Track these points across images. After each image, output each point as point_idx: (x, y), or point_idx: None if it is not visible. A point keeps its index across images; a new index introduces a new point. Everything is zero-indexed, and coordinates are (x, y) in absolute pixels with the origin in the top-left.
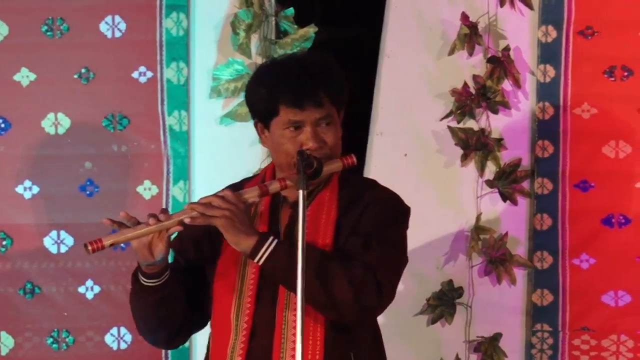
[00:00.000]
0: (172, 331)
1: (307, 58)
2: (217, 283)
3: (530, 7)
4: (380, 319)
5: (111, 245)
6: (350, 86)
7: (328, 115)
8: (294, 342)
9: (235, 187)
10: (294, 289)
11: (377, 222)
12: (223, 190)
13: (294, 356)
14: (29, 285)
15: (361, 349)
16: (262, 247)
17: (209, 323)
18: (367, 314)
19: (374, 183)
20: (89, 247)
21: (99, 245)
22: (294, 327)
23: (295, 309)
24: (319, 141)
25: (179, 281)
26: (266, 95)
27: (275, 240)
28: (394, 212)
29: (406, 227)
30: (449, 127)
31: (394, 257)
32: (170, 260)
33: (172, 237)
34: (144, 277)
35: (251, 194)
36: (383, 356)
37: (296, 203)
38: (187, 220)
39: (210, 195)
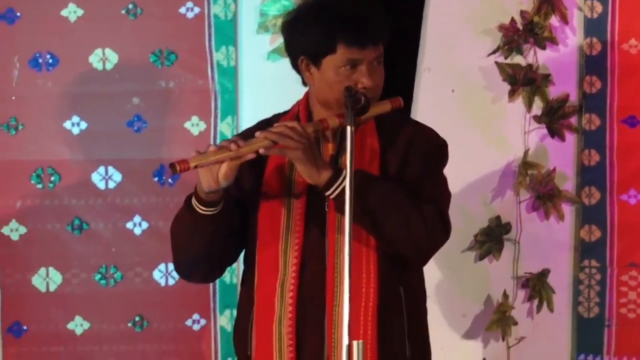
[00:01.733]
0: (215, 264)
1: None
2: (261, 219)
3: None
4: None
5: (196, 166)
6: (398, 23)
7: (381, 54)
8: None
9: (267, 123)
10: (365, 224)
11: (425, 158)
12: (291, 122)
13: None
14: (76, 222)
15: (409, 285)
16: (336, 181)
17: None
18: (436, 250)
19: (407, 118)
20: (177, 167)
21: (186, 166)
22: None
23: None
24: (373, 79)
25: (233, 211)
26: (320, 33)
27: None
28: (437, 147)
29: (447, 161)
30: (496, 62)
31: (446, 191)
32: None
33: None
34: (201, 205)
35: (315, 128)
36: (425, 296)
37: (336, 136)
38: (261, 151)
39: (280, 125)
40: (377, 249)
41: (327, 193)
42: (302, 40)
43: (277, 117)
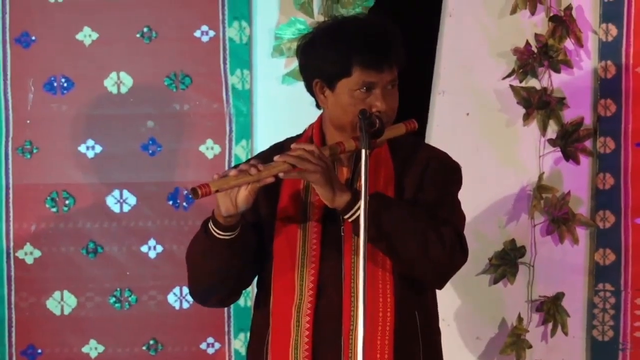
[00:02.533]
0: (231, 288)
1: (373, 20)
2: (277, 244)
3: None
4: None
5: (217, 191)
6: (412, 45)
7: (395, 78)
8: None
9: (280, 147)
10: (383, 247)
11: (439, 182)
12: (308, 145)
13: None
14: (91, 245)
15: (424, 309)
16: (355, 204)
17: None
18: (454, 272)
19: (420, 141)
20: (199, 192)
21: (208, 190)
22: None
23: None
24: (387, 103)
25: (250, 236)
26: (336, 56)
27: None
28: (451, 171)
29: (460, 185)
30: (510, 86)
31: (461, 214)
32: None
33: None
34: (219, 229)
35: (332, 151)
36: (438, 320)
37: (351, 159)
38: (280, 175)
39: (298, 148)
40: (394, 273)
41: (346, 216)
42: (317, 63)
43: (289, 141)
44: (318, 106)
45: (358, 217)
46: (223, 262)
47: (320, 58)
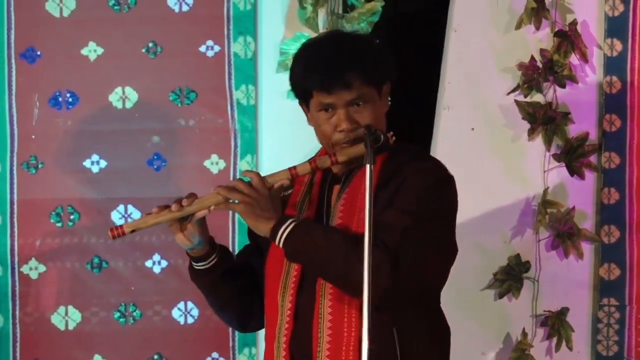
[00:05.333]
0: (238, 314)
1: (338, 38)
2: (267, 266)
3: None
4: (446, 293)
5: (132, 231)
6: (417, 61)
7: (360, 96)
8: (330, 321)
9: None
10: (314, 269)
11: (413, 196)
12: (251, 173)
13: (330, 335)
14: (96, 260)
15: (406, 324)
16: (279, 230)
17: None
18: (385, 295)
19: (418, 154)
20: (110, 234)
21: (120, 231)
22: (330, 307)
23: (331, 289)
24: (351, 122)
25: (240, 264)
26: (301, 77)
27: (293, 222)
28: (431, 183)
29: (447, 196)
30: (515, 101)
31: (429, 231)
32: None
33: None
34: (192, 260)
35: (279, 177)
36: (439, 329)
37: (340, 178)
38: (211, 208)
39: (237, 180)
40: None
41: (276, 243)
42: (292, 84)
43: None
44: None
45: (286, 242)
46: (206, 290)
47: (293, 79)
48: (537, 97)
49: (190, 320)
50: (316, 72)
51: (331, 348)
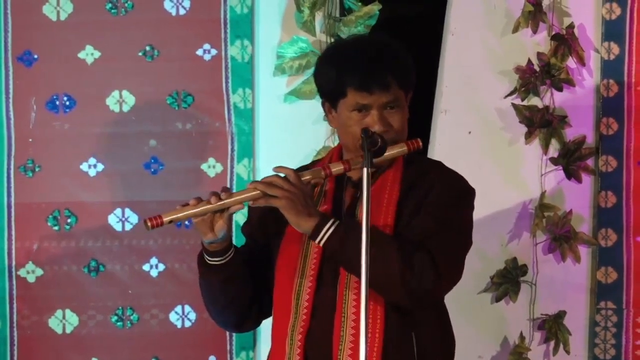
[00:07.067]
0: (240, 313)
1: (375, 40)
2: (279, 262)
3: None
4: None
5: (170, 222)
6: (414, 64)
7: (395, 99)
8: (354, 321)
9: (305, 170)
10: (353, 270)
11: (440, 204)
12: (286, 169)
13: (354, 334)
14: (93, 263)
15: (423, 329)
16: (322, 228)
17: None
18: (423, 298)
19: (439, 164)
20: (149, 223)
21: (159, 222)
22: (354, 307)
23: (356, 289)
24: (385, 125)
25: (245, 262)
26: (334, 76)
27: (337, 222)
28: (457, 193)
29: (470, 208)
30: (513, 104)
31: (456, 240)
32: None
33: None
34: (208, 255)
35: (314, 175)
36: (448, 335)
37: (359, 182)
38: (250, 203)
39: (273, 175)
40: None
41: (316, 241)
42: (321, 83)
43: (315, 164)
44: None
45: (327, 242)
46: (217, 288)
47: (322, 78)
48: (534, 101)
49: (187, 323)
50: (356, 71)
51: (354, 347)
